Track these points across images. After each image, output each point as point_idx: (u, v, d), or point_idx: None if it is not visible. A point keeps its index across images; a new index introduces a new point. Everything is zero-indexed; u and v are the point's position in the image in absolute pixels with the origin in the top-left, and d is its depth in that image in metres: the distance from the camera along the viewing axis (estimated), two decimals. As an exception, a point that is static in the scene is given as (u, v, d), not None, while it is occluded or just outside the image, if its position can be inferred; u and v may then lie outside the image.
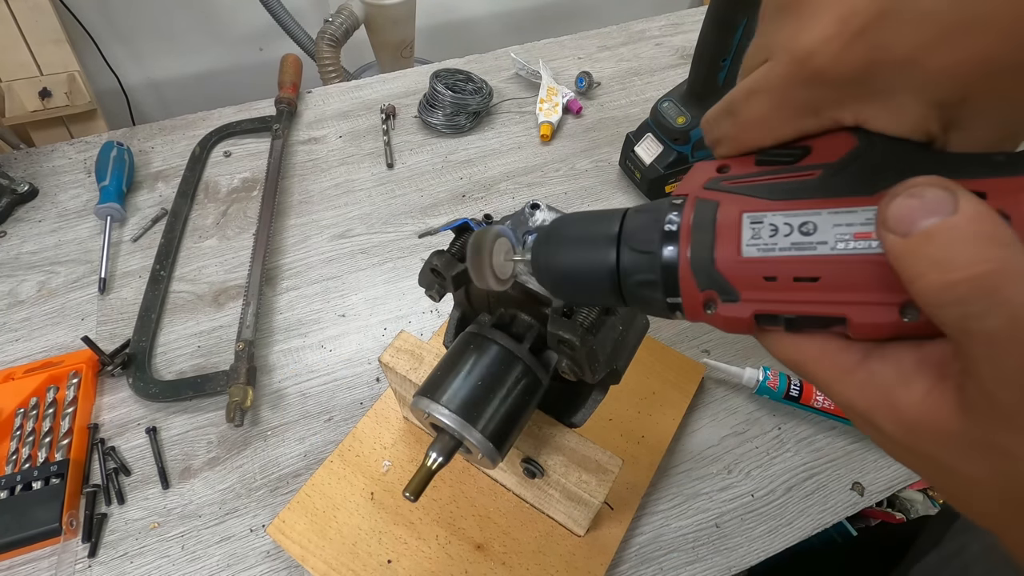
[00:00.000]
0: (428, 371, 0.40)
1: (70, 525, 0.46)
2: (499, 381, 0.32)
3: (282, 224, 0.70)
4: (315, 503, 0.47)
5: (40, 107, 1.04)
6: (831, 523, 0.50)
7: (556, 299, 0.30)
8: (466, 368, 0.33)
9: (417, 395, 0.33)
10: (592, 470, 0.38)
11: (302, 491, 0.48)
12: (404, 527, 0.46)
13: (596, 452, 0.39)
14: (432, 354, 0.43)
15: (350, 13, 1.21)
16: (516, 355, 0.33)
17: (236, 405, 0.51)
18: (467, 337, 0.35)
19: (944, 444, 0.16)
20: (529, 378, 0.33)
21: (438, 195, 0.73)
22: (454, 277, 0.33)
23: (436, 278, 0.34)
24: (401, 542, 0.46)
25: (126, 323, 0.60)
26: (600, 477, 0.38)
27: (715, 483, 0.52)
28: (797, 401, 0.54)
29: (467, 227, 0.34)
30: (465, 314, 0.40)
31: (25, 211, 0.70)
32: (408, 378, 0.42)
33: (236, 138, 0.80)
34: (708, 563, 0.47)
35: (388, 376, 0.46)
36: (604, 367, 0.32)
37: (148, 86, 1.44)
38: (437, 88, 0.79)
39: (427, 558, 0.45)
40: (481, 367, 0.33)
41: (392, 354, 0.43)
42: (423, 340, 0.46)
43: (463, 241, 0.34)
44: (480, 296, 0.37)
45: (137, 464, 0.51)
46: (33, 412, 0.52)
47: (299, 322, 0.61)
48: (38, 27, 1.01)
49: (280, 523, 0.46)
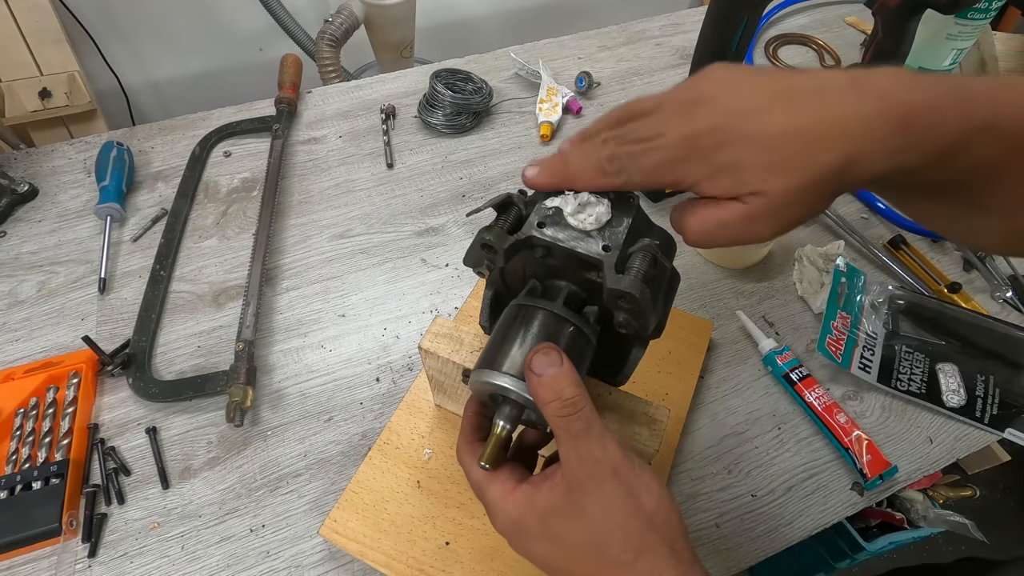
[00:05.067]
0: (469, 352, 0.42)
1: (70, 525, 0.46)
2: (554, 343, 0.33)
3: (282, 224, 0.70)
4: (363, 499, 0.48)
5: (40, 107, 1.04)
6: (831, 523, 0.50)
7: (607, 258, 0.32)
8: (519, 336, 0.34)
9: (476, 369, 0.34)
10: (643, 422, 0.40)
11: (348, 489, 0.48)
12: (456, 509, 0.47)
13: (643, 405, 0.40)
14: (471, 335, 0.44)
15: (350, 13, 1.21)
16: (565, 317, 0.34)
17: (236, 405, 0.51)
18: (513, 310, 0.36)
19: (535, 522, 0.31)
20: (581, 337, 0.34)
21: (438, 195, 0.73)
22: (507, 249, 0.33)
23: (487, 253, 0.35)
24: (455, 523, 0.47)
25: (126, 323, 0.60)
26: (652, 428, 0.40)
27: (715, 483, 0.52)
28: (792, 386, 0.56)
29: (510, 200, 0.35)
30: (498, 292, 0.41)
31: (25, 211, 0.70)
32: (452, 360, 0.43)
33: (236, 138, 0.80)
34: (708, 563, 0.47)
35: (427, 362, 0.46)
36: (656, 317, 0.33)
37: (148, 86, 1.44)
38: (437, 88, 0.79)
39: (483, 535, 0.46)
40: (533, 333, 0.34)
41: (431, 340, 0.44)
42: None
43: (511, 216, 0.35)
44: (515, 272, 0.38)
45: (137, 464, 0.51)
46: (33, 412, 0.52)
47: (299, 322, 0.61)
48: (38, 27, 1.01)
49: (332, 523, 0.46)
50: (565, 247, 0.32)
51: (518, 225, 0.34)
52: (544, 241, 0.33)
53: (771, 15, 1.03)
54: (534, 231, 0.33)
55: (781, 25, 1.03)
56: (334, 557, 0.47)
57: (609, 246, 0.32)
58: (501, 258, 0.34)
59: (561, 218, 0.33)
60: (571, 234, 0.33)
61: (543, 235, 0.33)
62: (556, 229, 0.33)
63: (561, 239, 0.32)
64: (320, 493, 0.50)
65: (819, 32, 1.01)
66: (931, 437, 0.55)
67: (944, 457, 0.54)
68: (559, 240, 0.32)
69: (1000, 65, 0.83)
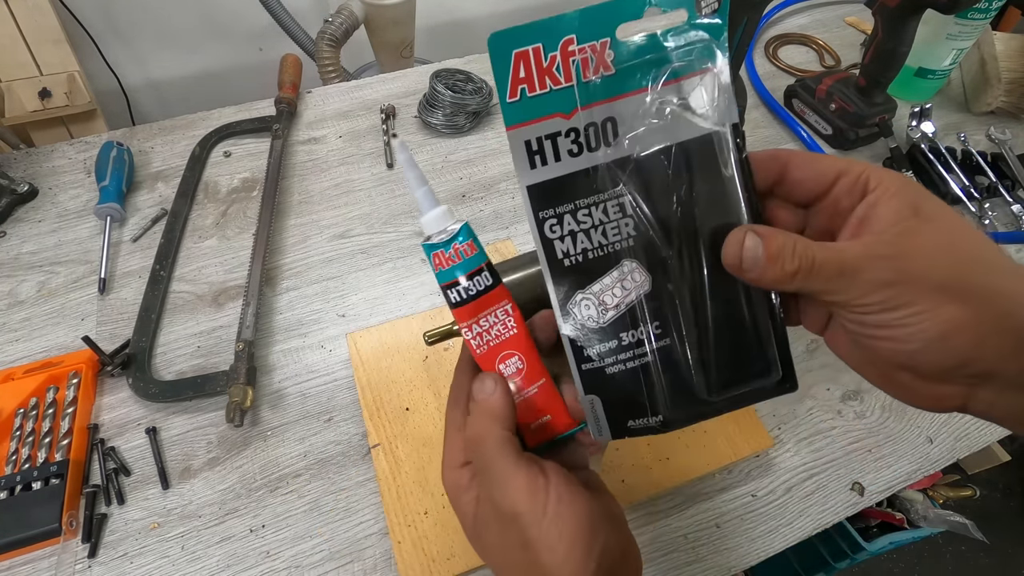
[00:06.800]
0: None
1: (70, 525, 0.46)
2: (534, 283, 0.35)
3: (282, 224, 0.70)
4: (386, 340, 0.57)
5: (40, 107, 1.04)
6: (831, 523, 0.50)
7: None
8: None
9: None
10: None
11: (383, 327, 0.58)
12: (432, 394, 0.54)
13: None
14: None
15: (350, 13, 1.21)
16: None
17: (236, 405, 0.51)
18: (532, 253, 0.37)
19: None
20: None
21: (438, 195, 0.73)
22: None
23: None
24: (423, 402, 0.53)
25: (126, 323, 0.60)
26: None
27: (715, 483, 0.52)
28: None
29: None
30: None
31: (25, 211, 0.70)
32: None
33: (236, 138, 0.80)
34: (708, 563, 0.47)
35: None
36: None
37: (148, 86, 1.44)
38: (437, 88, 0.79)
39: (434, 424, 0.52)
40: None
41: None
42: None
43: None
44: None
45: (137, 464, 0.51)
46: (33, 412, 0.52)
47: (299, 322, 0.61)
48: (38, 27, 1.01)
49: (358, 336, 0.57)
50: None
51: None
52: None
53: (771, 15, 1.03)
54: None
55: (781, 25, 1.03)
56: (334, 557, 0.47)
57: None
58: None
59: None
60: None
61: None
62: None
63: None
64: (320, 493, 0.50)
65: (819, 32, 1.01)
66: (931, 437, 0.55)
67: (944, 457, 0.54)
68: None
69: (1000, 65, 0.83)
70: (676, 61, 0.27)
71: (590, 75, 0.27)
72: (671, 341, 0.29)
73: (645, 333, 0.29)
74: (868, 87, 0.77)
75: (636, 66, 0.27)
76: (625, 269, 0.29)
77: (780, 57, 0.96)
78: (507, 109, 0.28)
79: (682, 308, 0.29)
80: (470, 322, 0.30)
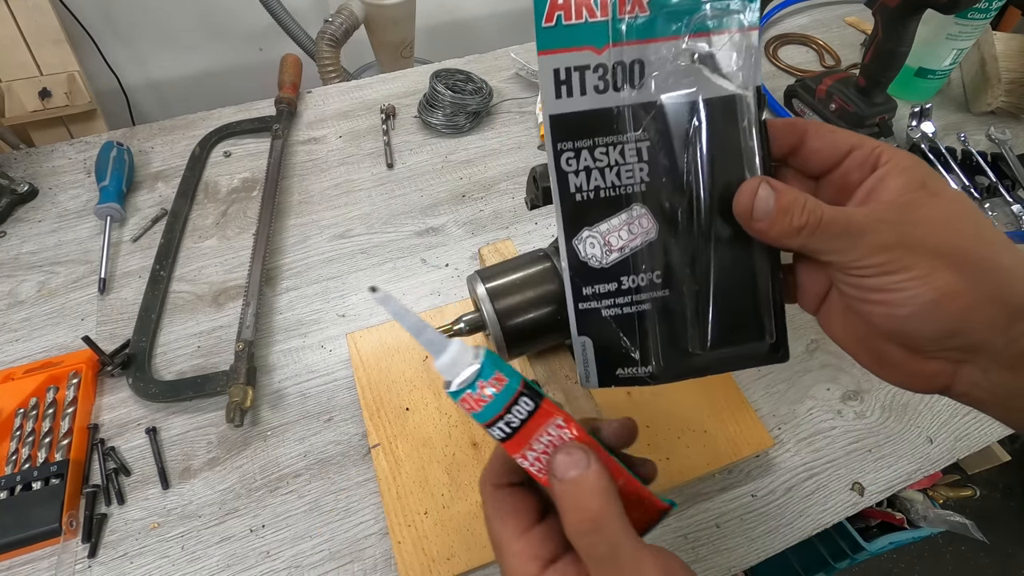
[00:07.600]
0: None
1: (70, 525, 0.46)
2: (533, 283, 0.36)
3: (282, 224, 0.70)
4: (386, 340, 0.56)
5: (40, 107, 1.04)
6: (831, 523, 0.50)
7: None
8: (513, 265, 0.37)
9: (473, 274, 0.38)
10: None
11: (383, 327, 0.57)
12: (432, 394, 0.53)
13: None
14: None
15: (350, 13, 1.21)
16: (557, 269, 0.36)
17: (236, 405, 0.51)
18: (533, 252, 0.38)
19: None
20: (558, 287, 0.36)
21: (438, 195, 0.73)
22: (544, 189, 0.34)
23: (533, 187, 0.36)
24: (423, 402, 0.53)
25: (126, 323, 0.60)
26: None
27: (715, 483, 0.52)
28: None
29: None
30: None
31: (25, 211, 0.70)
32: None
33: (236, 138, 0.80)
34: (708, 563, 0.47)
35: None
36: None
37: (148, 86, 1.44)
38: (437, 88, 0.79)
39: (434, 424, 0.52)
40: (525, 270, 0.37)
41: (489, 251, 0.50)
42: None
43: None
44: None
45: (137, 464, 0.51)
46: (33, 412, 0.52)
47: (299, 322, 0.61)
48: (38, 27, 1.01)
49: (358, 336, 0.56)
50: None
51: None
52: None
53: (771, 15, 1.03)
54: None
55: (781, 25, 1.03)
56: (334, 557, 0.47)
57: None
58: (541, 197, 0.35)
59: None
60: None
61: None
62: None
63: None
64: (320, 493, 0.50)
65: (819, 32, 1.01)
66: (931, 437, 0.55)
67: (944, 457, 0.54)
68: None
69: (1000, 65, 0.83)
70: (711, 15, 0.27)
71: (625, 13, 0.27)
72: (670, 292, 0.29)
73: (646, 280, 0.29)
74: (868, 87, 0.77)
75: (671, 12, 0.27)
76: (634, 213, 0.29)
77: (780, 57, 0.96)
78: (541, 34, 0.28)
79: (686, 261, 0.29)
80: (524, 451, 0.27)
